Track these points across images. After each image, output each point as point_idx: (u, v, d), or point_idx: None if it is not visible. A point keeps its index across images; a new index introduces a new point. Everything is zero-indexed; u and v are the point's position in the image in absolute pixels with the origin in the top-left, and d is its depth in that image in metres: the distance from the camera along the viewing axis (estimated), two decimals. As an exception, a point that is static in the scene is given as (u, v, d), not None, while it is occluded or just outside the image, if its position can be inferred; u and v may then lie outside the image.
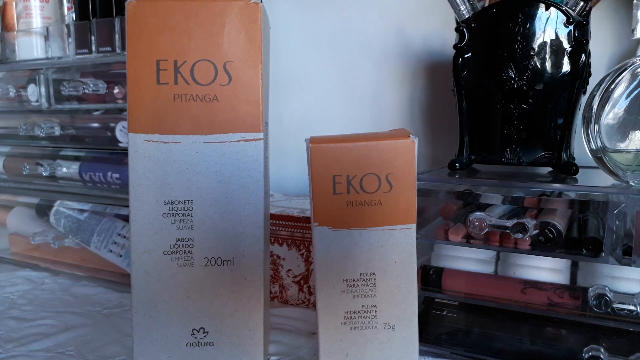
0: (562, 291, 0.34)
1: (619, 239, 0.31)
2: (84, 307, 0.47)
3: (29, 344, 0.40)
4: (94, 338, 0.41)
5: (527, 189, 0.34)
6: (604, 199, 0.31)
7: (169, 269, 0.32)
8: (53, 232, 0.57)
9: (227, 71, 0.31)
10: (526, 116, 0.39)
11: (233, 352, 0.33)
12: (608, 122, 0.32)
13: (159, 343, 0.33)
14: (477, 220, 0.34)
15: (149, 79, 0.31)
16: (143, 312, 0.32)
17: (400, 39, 0.58)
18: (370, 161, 0.29)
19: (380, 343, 0.31)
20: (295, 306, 0.47)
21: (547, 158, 0.39)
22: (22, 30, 0.59)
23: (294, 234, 0.46)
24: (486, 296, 0.36)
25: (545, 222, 0.33)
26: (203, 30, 0.31)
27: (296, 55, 0.65)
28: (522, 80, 0.39)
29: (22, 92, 0.57)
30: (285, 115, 0.66)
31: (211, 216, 0.32)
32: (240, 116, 0.31)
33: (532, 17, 0.38)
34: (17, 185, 0.61)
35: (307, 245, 0.46)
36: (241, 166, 0.32)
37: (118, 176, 0.51)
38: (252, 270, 0.32)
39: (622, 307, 0.32)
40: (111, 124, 0.51)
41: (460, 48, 0.41)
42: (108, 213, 0.54)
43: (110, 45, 0.51)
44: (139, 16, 0.31)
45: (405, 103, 0.59)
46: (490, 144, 0.41)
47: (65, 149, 0.56)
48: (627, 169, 0.32)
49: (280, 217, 0.47)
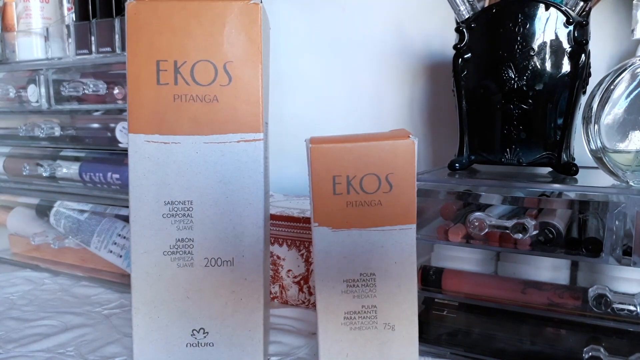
0: (562, 291, 0.34)
1: (619, 239, 0.31)
2: (84, 308, 0.47)
3: (29, 345, 0.40)
4: (94, 338, 0.41)
5: (527, 189, 0.34)
6: (603, 199, 0.31)
7: (169, 269, 0.32)
8: (53, 233, 0.57)
9: (227, 71, 0.31)
10: (526, 116, 0.39)
11: (233, 352, 0.33)
12: (608, 122, 0.32)
13: (159, 343, 0.33)
14: (477, 221, 0.34)
15: (149, 80, 0.31)
16: (143, 313, 0.32)
17: (401, 39, 0.58)
18: (370, 161, 0.29)
19: (380, 343, 0.31)
20: (295, 306, 0.47)
21: (547, 158, 0.39)
22: (22, 30, 0.59)
23: (294, 234, 0.46)
24: (486, 296, 0.36)
25: (545, 223, 0.33)
26: (203, 30, 0.31)
27: (296, 55, 0.65)
28: (522, 81, 0.39)
29: (22, 93, 0.57)
30: (285, 115, 0.66)
31: (211, 216, 0.32)
32: (240, 116, 0.31)
33: (532, 18, 0.38)
34: (17, 186, 0.61)
35: (307, 245, 0.46)
36: (241, 166, 0.32)
37: (118, 177, 0.51)
38: (252, 270, 0.32)
39: (622, 307, 0.32)
40: (111, 124, 0.51)
41: (460, 48, 0.41)
42: (108, 213, 0.54)
43: (110, 46, 0.51)
44: (139, 16, 0.31)
45: (405, 103, 0.59)
46: (490, 144, 0.41)
47: (66, 150, 0.56)
48: (627, 169, 0.32)
49: (280, 217, 0.47)
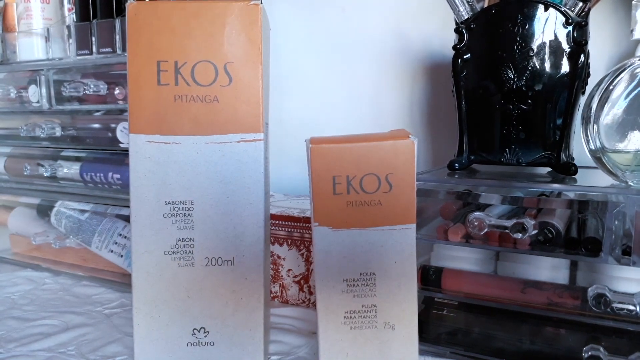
0: (562, 291, 0.34)
1: (618, 239, 0.31)
2: (85, 307, 0.48)
3: (30, 344, 0.40)
4: (95, 338, 0.41)
5: (526, 189, 0.34)
6: (603, 199, 0.31)
7: (169, 269, 0.32)
8: (54, 233, 0.57)
9: (228, 72, 0.31)
10: (525, 116, 0.39)
11: (233, 351, 0.33)
12: (607, 122, 0.32)
13: (160, 343, 0.33)
14: (476, 220, 0.34)
15: (149, 80, 0.31)
16: (144, 312, 0.32)
17: (400, 40, 0.58)
18: (370, 162, 0.29)
19: (380, 343, 0.31)
20: (296, 306, 0.47)
21: (546, 158, 0.39)
22: (23, 31, 0.59)
23: (294, 234, 0.46)
24: (486, 296, 0.36)
25: (545, 222, 0.33)
26: (203, 31, 0.31)
27: (296, 56, 0.65)
28: (521, 81, 0.39)
29: (23, 93, 0.57)
30: (285, 116, 0.66)
31: (212, 216, 0.32)
32: (241, 117, 0.31)
33: (531, 18, 0.38)
34: (18, 186, 0.61)
35: (307, 245, 0.46)
36: (241, 166, 0.32)
37: (119, 176, 0.51)
38: (253, 270, 0.32)
39: (621, 306, 0.32)
40: (112, 124, 0.51)
41: (459, 49, 0.41)
42: (109, 213, 0.54)
43: (111, 46, 0.51)
44: (139, 17, 0.31)
45: (404, 103, 0.59)
46: (489, 145, 0.41)
47: (66, 150, 0.56)
48: (626, 169, 0.32)
49: (281, 217, 0.47)
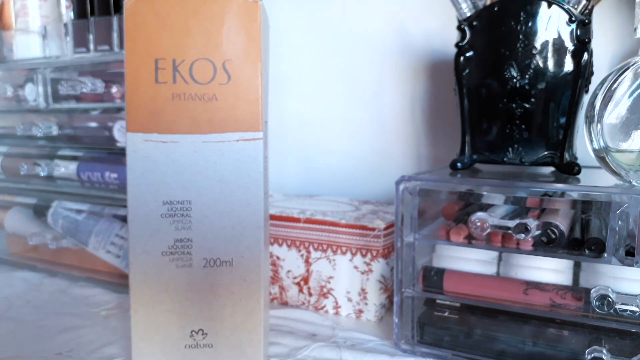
0: (565, 292, 0.34)
1: (622, 240, 0.31)
2: (81, 308, 0.47)
3: (26, 346, 0.39)
4: (92, 339, 0.41)
5: (529, 189, 0.34)
6: (606, 199, 0.31)
7: (167, 269, 0.32)
8: (51, 233, 0.57)
9: (226, 70, 0.31)
10: (528, 115, 0.39)
11: (232, 354, 0.33)
12: (611, 121, 0.32)
13: (158, 345, 0.32)
14: (479, 221, 0.34)
15: (147, 78, 0.31)
16: (141, 314, 0.32)
17: (401, 38, 0.58)
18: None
19: None
20: (295, 307, 0.47)
21: (549, 158, 0.39)
22: (20, 29, 0.59)
23: (294, 234, 0.46)
24: (488, 297, 0.36)
25: (548, 223, 0.33)
26: (202, 28, 0.30)
27: (296, 55, 0.64)
28: (524, 79, 0.38)
29: (19, 92, 0.57)
30: (285, 115, 0.65)
31: (210, 216, 0.32)
32: (240, 115, 0.31)
33: (534, 16, 0.38)
34: (15, 186, 0.60)
35: (308, 246, 0.46)
36: (240, 166, 0.31)
37: (116, 176, 0.51)
38: (252, 271, 0.32)
39: (624, 308, 0.32)
40: (109, 123, 0.51)
41: (461, 47, 0.41)
42: (106, 213, 0.53)
43: (109, 44, 0.51)
44: (137, 14, 0.30)
45: (406, 102, 0.59)
46: (492, 144, 0.41)
47: (63, 149, 0.56)
48: (630, 168, 0.32)
49: (280, 217, 0.47)
